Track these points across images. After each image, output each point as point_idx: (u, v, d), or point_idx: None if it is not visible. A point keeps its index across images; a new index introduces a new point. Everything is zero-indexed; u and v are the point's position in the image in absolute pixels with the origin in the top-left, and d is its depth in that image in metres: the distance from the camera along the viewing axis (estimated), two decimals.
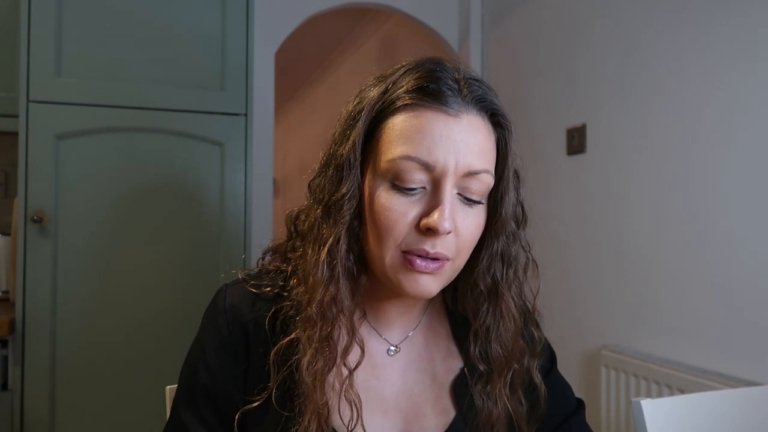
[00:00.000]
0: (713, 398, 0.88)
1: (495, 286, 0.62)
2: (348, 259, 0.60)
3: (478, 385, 0.64)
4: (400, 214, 0.55)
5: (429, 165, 0.55)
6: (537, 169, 2.12)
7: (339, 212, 0.58)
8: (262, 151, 2.11)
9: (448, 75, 0.57)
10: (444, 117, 0.55)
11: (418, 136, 0.55)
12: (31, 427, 1.48)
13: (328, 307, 0.58)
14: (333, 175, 0.60)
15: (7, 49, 1.66)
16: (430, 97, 0.56)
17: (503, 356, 0.63)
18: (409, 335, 0.67)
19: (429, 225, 0.54)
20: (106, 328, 1.56)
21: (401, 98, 0.57)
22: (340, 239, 0.58)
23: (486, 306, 0.63)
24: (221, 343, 0.63)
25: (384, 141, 0.57)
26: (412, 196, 0.56)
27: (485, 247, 0.61)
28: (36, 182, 1.49)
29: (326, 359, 0.58)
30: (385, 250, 0.56)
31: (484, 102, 0.58)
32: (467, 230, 0.57)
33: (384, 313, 0.65)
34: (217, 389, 0.62)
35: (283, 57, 2.44)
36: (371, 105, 0.59)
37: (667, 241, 1.57)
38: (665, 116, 1.59)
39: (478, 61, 2.47)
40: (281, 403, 0.59)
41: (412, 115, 0.56)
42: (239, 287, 0.65)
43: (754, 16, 1.35)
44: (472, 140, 0.56)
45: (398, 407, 0.63)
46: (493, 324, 0.63)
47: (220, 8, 1.68)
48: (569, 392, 0.73)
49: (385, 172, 0.56)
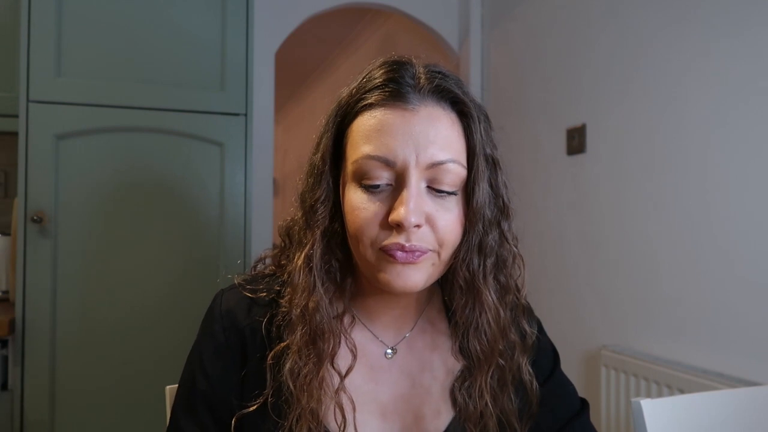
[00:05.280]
0: (713, 398, 0.88)
1: (472, 279, 0.60)
2: (327, 263, 0.60)
3: (459, 381, 0.64)
4: (369, 213, 0.56)
5: (389, 161, 0.55)
6: (537, 169, 2.12)
7: (314, 216, 0.60)
8: (262, 151, 2.11)
9: (407, 72, 0.58)
10: (401, 112, 0.56)
11: (378, 135, 0.56)
12: (31, 427, 1.48)
13: (311, 312, 0.58)
14: (311, 183, 0.61)
15: (7, 49, 1.66)
16: (388, 95, 0.57)
17: (482, 351, 0.62)
18: (405, 336, 0.66)
19: (394, 219, 0.54)
20: (106, 328, 1.56)
21: (363, 99, 0.58)
22: (315, 243, 0.59)
23: (464, 300, 0.61)
24: (218, 349, 0.63)
25: (350, 143, 0.58)
26: (380, 194, 0.56)
27: (464, 239, 0.59)
28: (36, 182, 1.49)
29: (312, 364, 0.58)
30: (364, 249, 0.57)
31: (443, 92, 0.58)
32: (443, 221, 0.56)
33: (378, 315, 0.65)
34: (215, 396, 0.62)
35: (283, 57, 2.44)
36: (337, 109, 0.60)
37: (667, 240, 1.57)
38: (665, 116, 1.59)
39: (478, 61, 2.47)
40: (277, 410, 0.59)
41: (372, 115, 0.57)
42: (235, 292, 0.65)
43: (754, 16, 1.35)
44: (432, 132, 0.56)
45: (396, 410, 0.63)
46: (471, 318, 0.62)
47: (219, 8, 1.68)
48: (573, 393, 0.72)
49: (352, 173, 0.57)
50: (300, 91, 5.16)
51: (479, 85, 2.44)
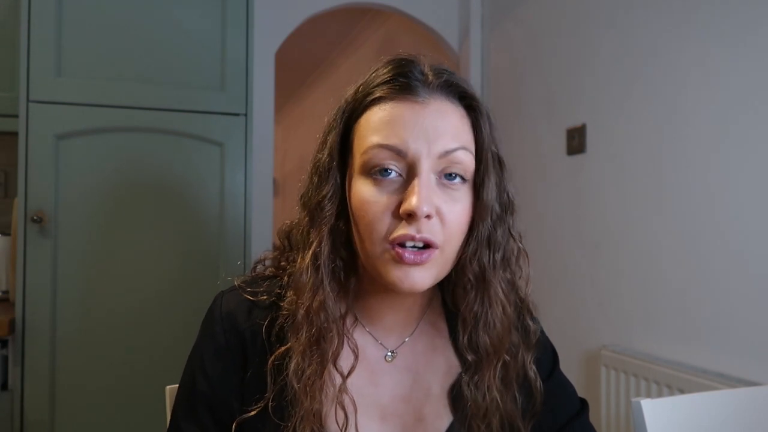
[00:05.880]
0: (713, 398, 0.88)
1: (482, 273, 0.60)
2: (333, 261, 0.60)
3: (467, 375, 0.63)
4: (380, 206, 0.55)
5: (401, 151, 0.55)
6: (537, 169, 2.12)
7: (321, 213, 0.59)
8: (262, 151, 2.11)
9: (415, 68, 0.59)
10: (411, 105, 0.57)
11: (389, 126, 0.56)
12: (31, 427, 1.48)
13: (316, 312, 0.58)
14: (317, 181, 0.61)
15: (7, 49, 1.66)
16: (398, 89, 0.57)
17: (492, 345, 0.62)
18: (406, 340, 0.66)
19: (406, 209, 0.54)
20: (106, 328, 1.56)
21: (371, 93, 0.59)
22: (323, 240, 0.59)
23: (474, 294, 0.61)
24: (218, 351, 0.62)
25: (359, 137, 0.58)
26: (390, 186, 0.56)
27: (472, 234, 0.59)
28: (36, 182, 1.49)
29: (315, 364, 0.58)
30: (373, 244, 0.56)
31: (451, 86, 0.59)
32: (452, 215, 0.56)
33: (379, 317, 0.64)
34: (216, 397, 0.62)
35: (283, 57, 2.44)
36: (345, 104, 0.61)
37: (667, 240, 1.57)
38: (665, 116, 1.59)
39: (478, 61, 2.47)
40: (278, 413, 0.58)
41: (382, 108, 0.57)
42: (235, 294, 0.64)
43: (754, 16, 1.35)
44: (441, 123, 0.56)
45: (396, 413, 0.63)
46: (481, 311, 0.61)
47: (219, 8, 1.68)
48: (573, 393, 0.72)
49: (361, 166, 0.57)
50: (300, 91, 5.16)
51: (479, 85, 2.44)
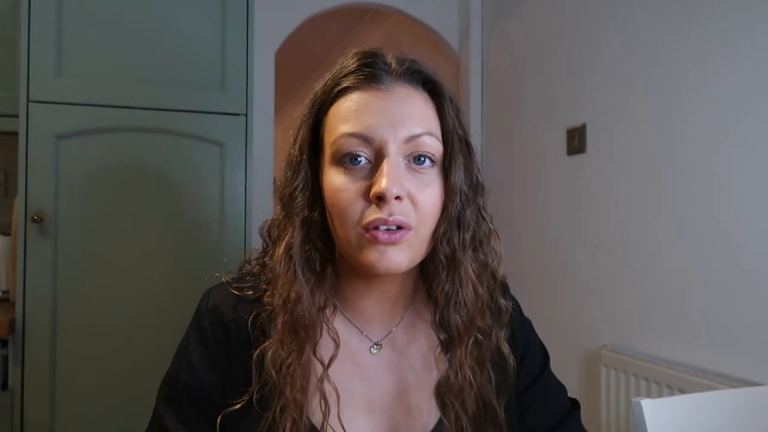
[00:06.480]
0: (713, 398, 0.88)
1: (452, 252, 0.61)
2: (306, 252, 0.61)
3: (440, 352, 0.64)
4: (351, 192, 0.57)
5: (368, 137, 0.57)
6: (537, 169, 2.12)
7: (292, 204, 0.61)
8: (262, 151, 2.11)
9: (379, 58, 0.61)
10: (376, 92, 0.59)
11: (355, 114, 0.58)
12: (31, 426, 1.48)
13: (291, 301, 0.59)
14: (290, 175, 0.62)
15: (7, 49, 1.66)
16: (363, 78, 0.59)
17: (463, 324, 0.62)
18: (392, 332, 0.66)
19: (376, 191, 0.55)
20: (106, 328, 1.56)
21: (339, 84, 0.60)
22: (295, 231, 0.60)
23: (445, 273, 0.62)
24: (203, 342, 0.64)
25: (328, 128, 0.60)
26: (360, 173, 0.57)
27: (443, 215, 0.60)
28: (36, 182, 1.49)
29: (294, 353, 0.59)
30: (347, 230, 0.57)
31: (414, 73, 0.61)
32: (423, 197, 0.57)
33: (362, 308, 0.65)
34: (199, 388, 0.63)
35: (283, 57, 2.44)
36: (314, 98, 0.63)
37: (667, 240, 1.57)
38: (665, 116, 1.59)
39: (478, 61, 2.47)
40: (262, 405, 0.59)
41: (349, 98, 0.59)
42: (223, 289, 0.66)
43: (754, 16, 1.35)
44: (407, 108, 0.58)
45: (383, 407, 0.63)
46: (452, 291, 0.62)
47: (219, 8, 1.68)
48: (563, 393, 0.73)
49: (332, 156, 0.58)
50: (300, 91, 5.16)
51: (479, 85, 2.44)
